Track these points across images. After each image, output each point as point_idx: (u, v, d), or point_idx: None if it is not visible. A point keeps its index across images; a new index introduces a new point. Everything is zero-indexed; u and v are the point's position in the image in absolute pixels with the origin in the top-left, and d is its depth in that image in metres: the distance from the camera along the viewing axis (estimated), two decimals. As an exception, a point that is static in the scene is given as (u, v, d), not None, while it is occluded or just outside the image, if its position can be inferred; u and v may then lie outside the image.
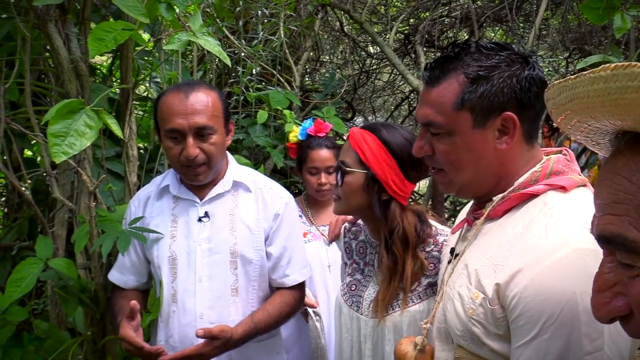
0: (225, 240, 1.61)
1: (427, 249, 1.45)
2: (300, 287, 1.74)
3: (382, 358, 1.44)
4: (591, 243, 0.86)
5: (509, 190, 1.00)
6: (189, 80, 1.62)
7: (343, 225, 1.71)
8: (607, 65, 0.55)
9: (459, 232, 1.17)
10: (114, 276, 1.70)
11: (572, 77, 0.60)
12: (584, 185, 1.00)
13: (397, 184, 1.41)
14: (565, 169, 1.01)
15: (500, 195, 1.01)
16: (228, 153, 1.72)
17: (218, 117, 1.56)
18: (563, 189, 0.97)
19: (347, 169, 1.43)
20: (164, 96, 1.57)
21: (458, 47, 1.02)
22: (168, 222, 1.64)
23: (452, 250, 1.14)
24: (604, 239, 0.60)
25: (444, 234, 1.46)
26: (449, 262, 1.13)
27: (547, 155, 1.06)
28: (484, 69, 0.97)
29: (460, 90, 0.98)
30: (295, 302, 1.70)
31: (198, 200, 1.64)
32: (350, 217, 1.69)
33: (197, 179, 1.58)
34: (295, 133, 2.36)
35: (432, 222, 1.50)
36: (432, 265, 1.43)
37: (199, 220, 1.62)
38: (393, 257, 1.42)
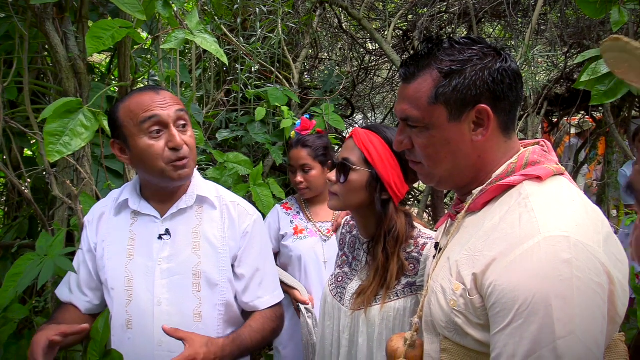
0: (187, 259, 1.47)
1: (408, 250, 1.49)
2: (279, 306, 1.60)
3: (356, 348, 1.49)
4: (563, 230, 0.88)
5: (487, 182, 1.03)
6: (147, 86, 1.51)
7: (345, 218, 1.76)
8: None
9: (442, 226, 1.19)
10: (63, 293, 1.56)
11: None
12: (561, 174, 1.02)
13: (397, 184, 1.46)
14: (541, 159, 1.03)
15: (479, 189, 1.04)
16: None
17: (186, 112, 1.47)
18: (538, 178, 0.99)
19: (353, 166, 1.46)
20: (126, 100, 1.43)
21: (431, 43, 1.04)
22: (125, 240, 1.50)
23: (437, 244, 1.16)
24: None
25: (425, 237, 1.50)
26: (434, 256, 1.15)
27: (525, 147, 1.08)
28: (456, 63, 1.00)
29: (434, 85, 1.01)
30: (277, 318, 1.58)
31: (159, 216, 1.50)
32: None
33: (185, 174, 1.44)
34: (294, 132, 2.41)
35: (417, 224, 1.55)
36: (411, 265, 1.47)
37: (159, 237, 1.48)
38: (386, 255, 1.47)
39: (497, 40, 4.09)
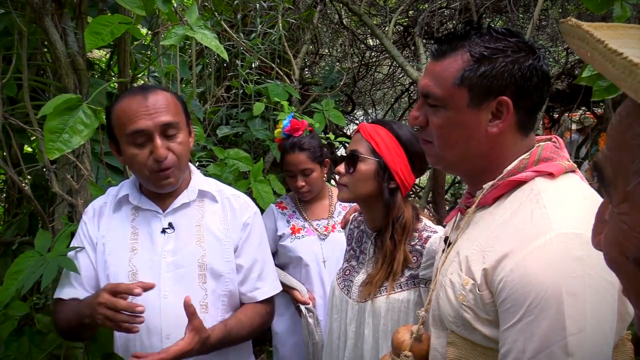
0: (192, 252, 1.50)
1: (412, 243, 1.52)
2: (271, 301, 1.63)
3: (362, 340, 1.51)
4: (575, 227, 0.87)
5: (499, 177, 1.02)
6: (143, 85, 1.52)
7: (353, 214, 1.79)
8: None
9: (452, 221, 1.19)
10: (66, 292, 1.49)
11: None
12: (573, 171, 1.02)
13: (404, 173, 1.52)
14: (553, 156, 1.02)
15: (490, 183, 1.03)
16: (190, 164, 1.61)
17: (181, 115, 1.46)
18: (551, 175, 0.98)
19: (362, 155, 1.52)
20: (118, 103, 1.44)
21: (470, 26, 1.04)
22: (127, 235, 1.50)
23: (446, 239, 1.15)
24: None
25: (430, 230, 1.53)
26: (443, 251, 1.14)
27: (537, 143, 1.07)
28: (489, 50, 0.99)
29: (462, 67, 1.00)
30: (267, 315, 1.60)
31: (160, 211, 1.52)
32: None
33: (169, 184, 1.46)
34: (280, 130, 2.28)
35: (423, 217, 1.58)
36: (414, 258, 1.50)
37: (163, 231, 1.50)
38: (393, 242, 1.50)
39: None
